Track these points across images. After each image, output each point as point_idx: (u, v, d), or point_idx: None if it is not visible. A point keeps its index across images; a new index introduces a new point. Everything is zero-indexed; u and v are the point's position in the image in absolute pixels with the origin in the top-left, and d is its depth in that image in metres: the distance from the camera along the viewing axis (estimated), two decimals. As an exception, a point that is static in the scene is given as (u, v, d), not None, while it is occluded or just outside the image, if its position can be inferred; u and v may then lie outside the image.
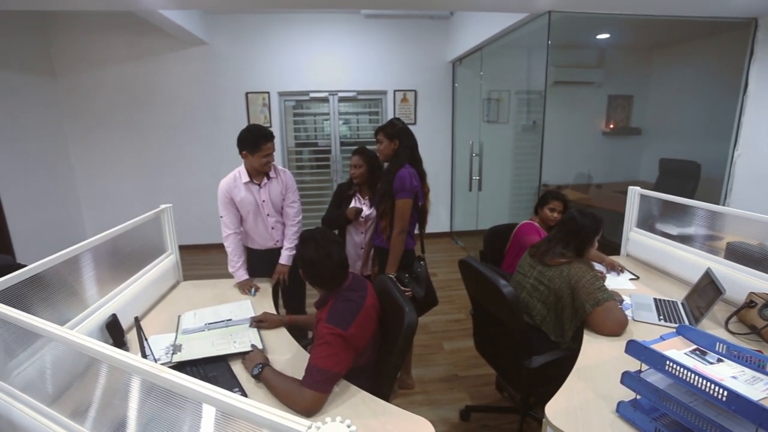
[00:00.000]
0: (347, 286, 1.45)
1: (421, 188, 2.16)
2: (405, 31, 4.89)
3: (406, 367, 2.45)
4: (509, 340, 1.74)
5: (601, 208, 4.33)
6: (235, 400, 0.60)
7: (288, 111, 5.11)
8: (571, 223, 1.82)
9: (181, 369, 1.43)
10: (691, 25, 3.47)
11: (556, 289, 1.72)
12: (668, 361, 1.04)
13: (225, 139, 4.94)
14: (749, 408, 0.86)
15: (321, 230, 1.49)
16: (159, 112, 4.81)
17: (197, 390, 0.65)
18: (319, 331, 1.34)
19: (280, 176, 2.26)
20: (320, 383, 1.24)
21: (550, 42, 3.08)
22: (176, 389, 0.68)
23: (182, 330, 1.70)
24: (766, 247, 1.86)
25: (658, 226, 2.44)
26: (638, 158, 5.13)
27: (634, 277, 2.22)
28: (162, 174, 4.98)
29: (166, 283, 2.16)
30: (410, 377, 2.45)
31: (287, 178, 2.28)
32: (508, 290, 1.63)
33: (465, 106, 5.03)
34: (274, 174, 2.23)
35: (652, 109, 4.98)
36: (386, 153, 2.18)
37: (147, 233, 2.15)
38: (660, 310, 1.82)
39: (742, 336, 1.59)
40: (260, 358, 1.41)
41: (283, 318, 1.82)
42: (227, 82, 4.81)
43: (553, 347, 1.74)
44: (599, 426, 1.14)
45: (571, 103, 4.86)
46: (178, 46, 4.61)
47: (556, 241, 1.82)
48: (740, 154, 3.41)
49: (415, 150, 2.18)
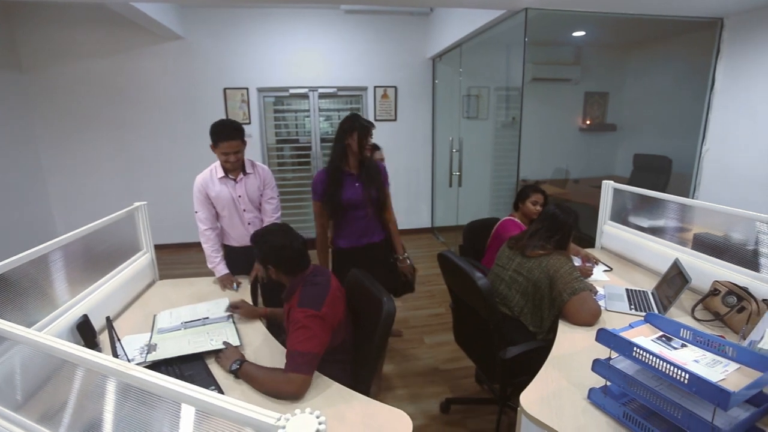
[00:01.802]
0: (311, 272, 1.52)
1: None
2: (385, 27, 4.88)
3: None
4: (485, 332, 1.77)
5: (578, 202, 4.44)
6: (201, 394, 0.60)
7: (268, 107, 5.05)
8: (553, 219, 1.86)
9: (156, 368, 1.41)
10: (662, 25, 3.57)
11: (534, 280, 1.76)
12: (635, 347, 1.08)
13: (203, 136, 4.77)
14: (708, 389, 0.90)
15: (282, 224, 1.61)
16: (134, 109, 4.68)
17: (163, 385, 0.65)
18: (293, 317, 1.37)
19: (258, 172, 2.23)
20: (304, 365, 1.28)
21: (528, 39, 3.12)
22: (143, 386, 0.67)
23: (157, 329, 1.67)
24: (730, 238, 1.94)
25: (630, 219, 2.51)
26: (614, 154, 5.26)
27: (608, 269, 2.28)
28: (138, 172, 4.86)
29: (141, 282, 2.11)
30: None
31: (265, 174, 2.26)
32: (482, 282, 1.66)
33: (445, 102, 5.06)
34: (251, 169, 2.20)
35: (626, 106, 5.11)
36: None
37: (121, 232, 2.10)
38: (631, 299, 1.88)
39: (707, 322, 1.66)
40: (236, 355, 1.41)
41: (260, 309, 1.83)
42: (205, 77, 4.72)
43: (530, 338, 1.78)
44: (571, 413, 1.17)
45: (549, 99, 4.95)
46: (154, 40, 4.50)
47: (537, 236, 1.85)
48: (708, 149, 3.54)
49: None
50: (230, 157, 2.06)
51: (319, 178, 2.25)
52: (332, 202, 2.21)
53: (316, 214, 2.31)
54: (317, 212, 2.30)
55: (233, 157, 2.07)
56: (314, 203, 2.29)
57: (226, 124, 2.06)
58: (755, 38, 3.12)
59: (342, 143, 2.19)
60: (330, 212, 2.28)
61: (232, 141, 2.03)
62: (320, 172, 2.26)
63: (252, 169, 2.21)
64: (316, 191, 2.25)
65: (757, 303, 1.56)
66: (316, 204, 2.28)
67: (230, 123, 2.09)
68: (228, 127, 2.04)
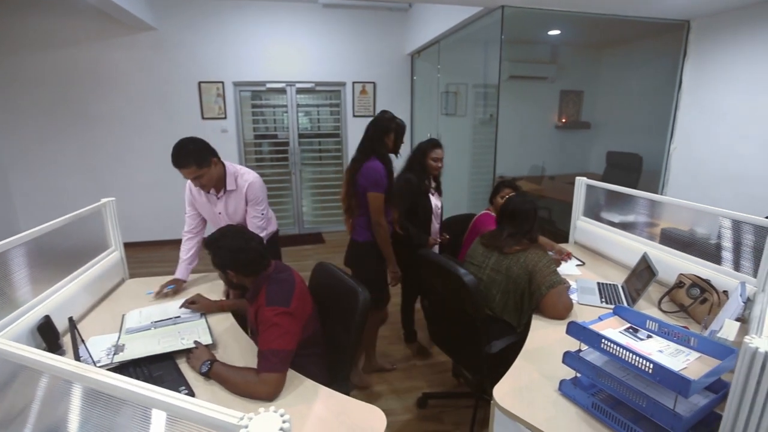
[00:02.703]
0: (273, 270, 1.49)
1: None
2: (363, 23, 4.85)
3: (364, 361, 2.49)
4: (468, 328, 1.75)
5: (554, 198, 4.53)
6: (158, 394, 0.58)
7: (245, 102, 4.95)
8: (519, 212, 1.86)
9: (123, 370, 1.37)
10: (634, 26, 3.66)
11: (514, 277, 1.76)
12: (603, 339, 1.10)
13: (177, 130, 4.66)
14: (670, 378, 0.93)
15: (235, 225, 1.56)
16: (103, 102, 4.51)
17: (116, 385, 0.62)
18: (262, 317, 1.34)
19: (240, 189, 2.00)
20: (277, 364, 1.26)
21: (504, 37, 3.15)
22: (99, 388, 0.65)
23: (126, 329, 1.62)
24: (695, 233, 2.01)
25: (602, 214, 2.58)
26: (588, 151, 5.39)
27: (581, 263, 2.34)
28: (108, 168, 4.70)
29: (110, 281, 2.04)
30: (365, 375, 2.47)
31: (247, 190, 1.99)
32: (469, 278, 1.63)
33: (423, 98, 5.08)
34: (233, 185, 1.98)
35: (600, 105, 5.23)
36: None
37: (88, 229, 2.02)
38: (602, 293, 1.93)
39: (673, 314, 1.72)
40: (206, 355, 1.37)
41: (217, 302, 1.79)
42: (178, 70, 4.59)
43: (506, 332, 1.80)
44: (543, 404, 1.20)
45: (525, 97, 5.02)
46: (124, 31, 4.34)
47: (508, 232, 1.85)
48: (676, 147, 3.66)
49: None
50: (194, 182, 1.90)
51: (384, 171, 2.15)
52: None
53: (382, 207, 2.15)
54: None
55: (197, 182, 1.88)
56: (380, 195, 2.12)
57: (174, 151, 1.79)
58: (720, 40, 3.24)
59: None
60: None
61: (183, 169, 1.80)
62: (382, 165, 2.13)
63: (235, 185, 1.99)
64: (381, 184, 2.11)
65: (718, 294, 1.62)
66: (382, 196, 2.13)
67: (179, 149, 1.79)
68: (175, 155, 1.78)
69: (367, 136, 2.16)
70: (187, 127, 4.72)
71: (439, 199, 2.50)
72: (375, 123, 2.17)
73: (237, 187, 1.99)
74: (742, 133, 3.14)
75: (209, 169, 1.86)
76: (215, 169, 1.90)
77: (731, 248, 1.82)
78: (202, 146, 1.85)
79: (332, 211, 5.46)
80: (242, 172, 2.01)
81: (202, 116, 4.76)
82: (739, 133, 3.16)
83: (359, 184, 2.12)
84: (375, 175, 2.08)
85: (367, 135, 2.16)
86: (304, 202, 5.39)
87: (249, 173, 2.03)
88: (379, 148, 2.13)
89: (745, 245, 1.75)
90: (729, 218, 1.79)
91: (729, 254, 1.83)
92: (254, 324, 1.44)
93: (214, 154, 1.89)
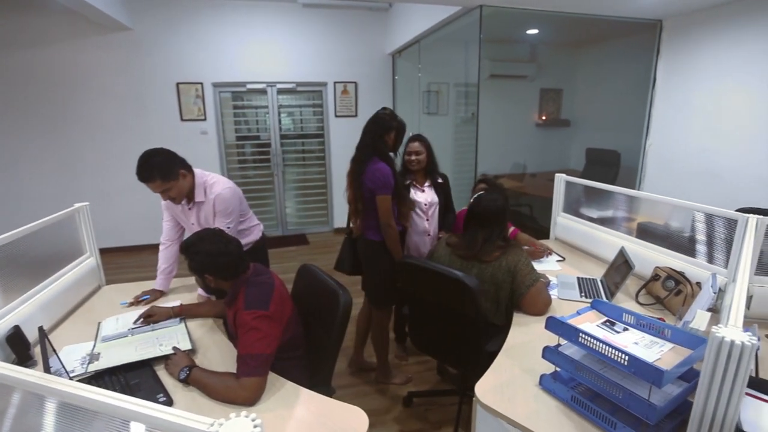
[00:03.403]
0: (252, 273, 1.47)
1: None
2: (344, 22, 4.83)
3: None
4: (467, 330, 1.70)
5: (535, 195, 4.59)
6: (123, 402, 0.56)
7: (225, 103, 4.88)
8: (491, 213, 1.77)
9: (98, 379, 1.34)
10: (609, 25, 3.74)
11: (500, 282, 1.72)
12: (581, 333, 1.12)
13: (156, 132, 4.63)
14: (644, 369, 0.95)
15: (209, 229, 1.52)
16: (77, 103, 4.39)
17: (78, 394, 0.60)
18: (240, 320, 1.32)
19: (208, 200, 1.90)
20: (257, 368, 1.25)
21: (484, 36, 3.18)
22: (67, 400, 0.62)
23: (101, 337, 1.58)
24: (669, 226, 2.06)
25: (582, 210, 2.62)
26: (568, 148, 5.48)
27: (561, 259, 2.37)
28: (83, 172, 4.57)
29: (84, 289, 1.99)
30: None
31: (215, 202, 1.88)
32: (471, 281, 1.59)
33: (405, 98, 5.09)
34: (202, 197, 1.89)
35: (579, 102, 5.32)
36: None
37: (60, 235, 1.97)
38: (582, 287, 1.96)
39: (649, 306, 1.76)
40: (185, 361, 1.35)
41: (175, 308, 1.74)
42: (155, 71, 4.50)
43: (498, 331, 1.78)
44: (524, 399, 1.21)
45: (506, 95, 5.08)
46: (98, 31, 4.23)
47: (483, 238, 1.75)
48: (651, 143, 3.75)
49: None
50: (163, 195, 1.80)
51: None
52: None
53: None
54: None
55: (165, 196, 1.80)
56: (388, 198, 2.08)
57: (138, 164, 1.69)
58: (691, 39, 3.33)
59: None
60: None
61: (148, 183, 1.72)
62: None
63: (204, 196, 1.89)
64: (389, 186, 2.07)
65: (691, 286, 1.67)
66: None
67: (143, 161, 1.70)
68: (139, 168, 1.69)
69: (367, 135, 2.11)
70: (166, 129, 4.64)
71: (430, 193, 2.39)
72: (375, 121, 2.10)
73: (206, 199, 1.89)
74: (712, 129, 3.24)
75: (177, 182, 1.76)
76: (184, 182, 1.80)
77: (704, 241, 1.88)
78: (169, 158, 1.75)
79: (316, 212, 5.43)
80: (211, 182, 1.90)
81: (181, 118, 4.68)
82: (710, 128, 3.25)
83: (366, 187, 2.06)
84: (382, 177, 2.03)
85: (368, 133, 2.10)
86: (288, 203, 5.34)
87: (219, 184, 1.91)
88: (380, 146, 2.08)
89: (717, 238, 1.79)
90: (701, 212, 1.84)
91: (702, 247, 1.88)
92: (233, 328, 1.42)
93: (182, 166, 1.80)
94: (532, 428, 1.09)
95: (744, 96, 3.01)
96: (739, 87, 3.04)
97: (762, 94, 2.90)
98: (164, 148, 1.77)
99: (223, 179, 1.95)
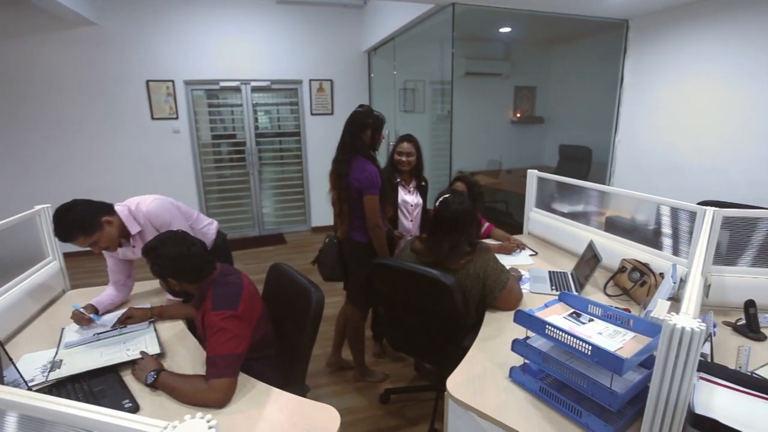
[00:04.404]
0: (219, 273, 1.45)
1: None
2: (319, 19, 4.79)
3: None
4: (444, 328, 1.71)
5: (511, 192, 4.66)
6: (69, 408, 0.54)
7: (199, 101, 4.77)
8: (458, 218, 1.70)
9: (60, 387, 1.29)
10: (579, 24, 3.83)
11: (469, 288, 1.70)
12: (547, 325, 1.14)
13: (125, 131, 4.49)
14: (606, 358, 0.98)
15: (172, 232, 1.47)
16: (39, 102, 4.21)
17: (17, 402, 0.58)
18: (208, 322, 1.30)
19: (145, 224, 1.74)
20: (227, 368, 1.22)
21: (458, 34, 3.20)
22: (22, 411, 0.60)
23: (64, 344, 1.52)
24: (635, 220, 2.13)
25: (553, 205, 2.68)
26: (543, 145, 5.59)
27: (534, 254, 2.42)
28: (45, 172, 4.38)
29: (47, 294, 1.91)
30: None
31: (150, 221, 1.74)
32: (450, 280, 1.58)
33: (382, 95, 5.09)
34: (137, 227, 1.72)
35: (552, 100, 5.44)
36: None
37: (20, 238, 1.88)
38: (553, 281, 2.01)
39: (617, 297, 1.81)
40: (152, 365, 1.31)
41: (154, 309, 1.71)
42: (124, 68, 4.35)
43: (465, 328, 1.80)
44: (494, 392, 1.23)
45: (482, 93, 5.14)
46: (59, 25, 4.06)
47: (449, 245, 1.70)
48: (620, 140, 3.86)
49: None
50: (94, 248, 1.64)
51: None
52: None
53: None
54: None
55: (96, 248, 1.64)
56: (375, 198, 2.06)
57: (54, 223, 1.54)
58: (656, 38, 3.44)
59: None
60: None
61: (70, 242, 1.57)
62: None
63: (137, 224, 1.72)
64: (376, 185, 2.05)
65: (655, 277, 1.72)
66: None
67: (58, 221, 1.54)
68: (57, 229, 1.54)
69: (345, 134, 2.08)
70: (136, 128, 4.51)
71: (416, 195, 2.41)
72: (351, 119, 2.08)
73: (142, 225, 1.72)
74: (676, 126, 3.36)
75: (102, 233, 1.60)
76: (111, 229, 1.63)
77: (667, 233, 1.95)
78: (87, 209, 1.57)
79: (294, 211, 5.37)
80: (135, 207, 1.72)
81: (152, 116, 4.55)
82: (674, 125, 3.37)
83: (353, 186, 2.03)
84: (369, 176, 2.01)
85: (346, 133, 2.08)
86: (266, 202, 5.27)
87: (143, 202, 1.74)
88: (358, 145, 2.05)
89: (680, 230, 1.86)
90: (664, 205, 1.91)
91: (665, 239, 1.95)
92: (202, 330, 1.39)
93: (104, 212, 1.62)
94: (501, 420, 1.11)
95: (705, 93, 3.14)
96: (699, 84, 3.16)
97: (721, 92, 3.03)
98: (80, 200, 1.60)
99: (146, 196, 1.79)
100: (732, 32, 2.92)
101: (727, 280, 1.67)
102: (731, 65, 2.95)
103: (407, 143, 2.34)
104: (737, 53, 2.91)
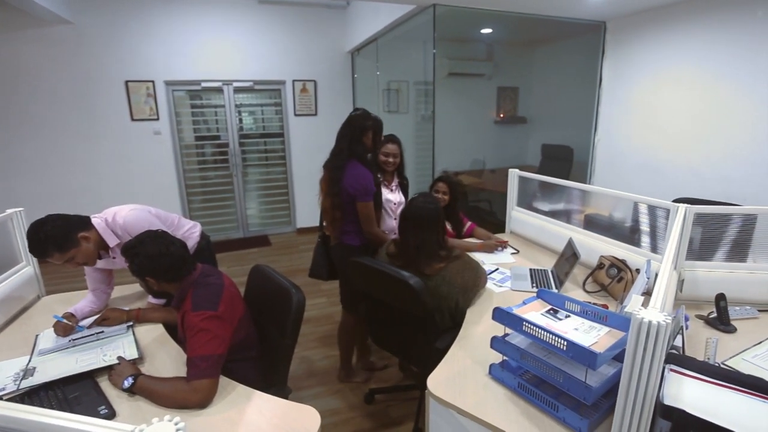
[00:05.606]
0: (199, 274, 1.44)
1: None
2: (302, 20, 4.77)
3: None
4: (416, 328, 1.72)
5: (494, 191, 4.71)
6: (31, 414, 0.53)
7: (181, 102, 4.70)
8: (425, 218, 1.70)
9: (32, 395, 1.26)
10: (559, 26, 3.90)
11: (444, 295, 1.68)
12: (524, 322, 1.16)
13: (104, 133, 4.40)
14: (580, 352, 1.00)
15: (151, 231, 1.46)
16: (12, 102, 4.08)
17: None
18: (188, 322, 1.29)
19: (122, 235, 1.68)
20: (208, 369, 1.21)
21: (440, 35, 3.23)
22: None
23: (38, 350, 1.48)
24: (613, 217, 2.18)
25: (534, 204, 2.72)
26: (526, 144, 5.67)
27: (516, 252, 2.45)
28: (17, 175, 4.24)
29: (20, 300, 1.86)
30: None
31: (127, 231, 1.67)
32: (415, 281, 1.59)
33: (365, 96, 5.09)
34: (115, 239, 1.67)
35: (534, 100, 5.52)
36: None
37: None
38: (534, 278, 2.04)
39: (595, 293, 1.85)
40: (130, 370, 1.29)
41: (131, 312, 1.68)
42: (101, 68, 4.26)
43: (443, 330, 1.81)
44: (474, 389, 1.24)
45: (465, 93, 5.18)
46: (33, 23, 3.94)
47: (419, 248, 1.69)
48: (599, 139, 3.93)
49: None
50: (70, 265, 1.60)
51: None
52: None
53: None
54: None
55: (73, 264, 1.60)
56: (370, 204, 2.06)
57: (29, 240, 1.50)
58: (632, 40, 3.52)
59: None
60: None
61: (46, 259, 1.54)
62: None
63: (115, 237, 1.67)
64: (370, 191, 2.04)
65: (631, 273, 1.76)
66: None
67: (32, 237, 1.49)
68: (31, 246, 1.50)
69: (343, 139, 2.04)
70: (115, 129, 4.42)
71: (398, 193, 2.41)
72: (349, 123, 2.05)
73: (119, 237, 1.67)
74: (652, 125, 3.44)
75: (79, 249, 1.55)
76: (88, 245, 1.58)
77: (644, 230, 1.99)
78: (61, 225, 1.52)
79: (279, 212, 5.34)
80: (110, 219, 1.67)
81: (132, 117, 4.46)
82: (650, 125, 3.46)
83: (347, 192, 2.00)
84: (364, 182, 1.98)
85: (343, 138, 2.04)
86: (251, 204, 5.22)
87: (119, 213, 1.69)
88: (358, 149, 2.02)
89: (656, 227, 1.91)
90: (640, 203, 1.95)
91: (642, 236, 2.00)
92: (182, 332, 1.37)
93: (80, 227, 1.57)
94: (480, 416, 1.12)
95: (678, 93, 3.22)
96: (673, 85, 3.25)
97: (695, 92, 3.11)
98: (54, 215, 1.55)
99: (123, 207, 1.74)
100: (703, 35, 3.00)
101: (699, 275, 1.72)
102: (703, 66, 3.04)
103: (392, 144, 2.35)
104: (708, 55, 2.99)
